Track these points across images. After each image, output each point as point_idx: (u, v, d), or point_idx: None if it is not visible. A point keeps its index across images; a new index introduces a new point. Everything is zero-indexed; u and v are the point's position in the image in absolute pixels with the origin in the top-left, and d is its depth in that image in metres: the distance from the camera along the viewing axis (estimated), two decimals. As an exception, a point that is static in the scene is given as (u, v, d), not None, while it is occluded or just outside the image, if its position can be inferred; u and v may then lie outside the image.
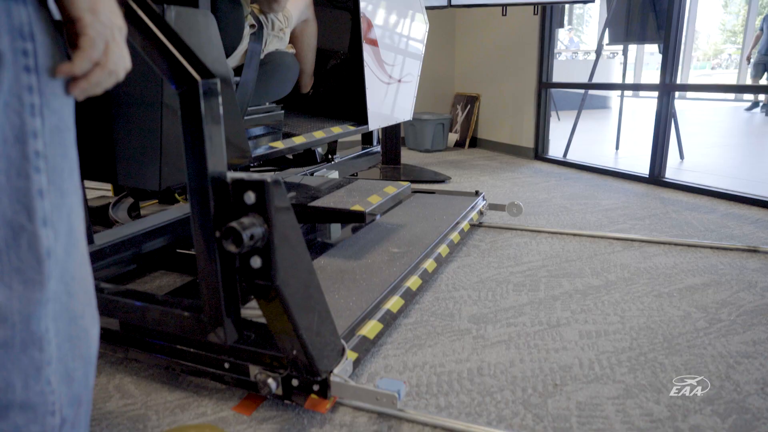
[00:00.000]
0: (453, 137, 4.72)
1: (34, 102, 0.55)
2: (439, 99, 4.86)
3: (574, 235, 2.30)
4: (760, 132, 6.55)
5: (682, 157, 4.06)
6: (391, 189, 1.75)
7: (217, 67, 1.23)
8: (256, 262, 0.87)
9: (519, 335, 1.44)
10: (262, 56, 1.58)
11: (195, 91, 0.82)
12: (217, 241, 0.86)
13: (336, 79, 2.22)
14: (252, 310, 1.13)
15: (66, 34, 0.60)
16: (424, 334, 1.45)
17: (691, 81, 12.71)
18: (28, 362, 0.57)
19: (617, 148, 4.58)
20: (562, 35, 10.68)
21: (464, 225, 2.15)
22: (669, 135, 3.24)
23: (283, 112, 1.71)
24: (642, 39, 3.99)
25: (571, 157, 3.95)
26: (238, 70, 1.54)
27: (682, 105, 10.16)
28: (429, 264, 1.71)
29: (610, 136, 4.93)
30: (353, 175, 2.55)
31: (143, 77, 1.10)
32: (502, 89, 4.34)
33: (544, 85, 3.96)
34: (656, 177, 3.24)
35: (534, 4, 3.37)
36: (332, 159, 2.12)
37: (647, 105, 8.49)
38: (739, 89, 3.23)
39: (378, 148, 2.74)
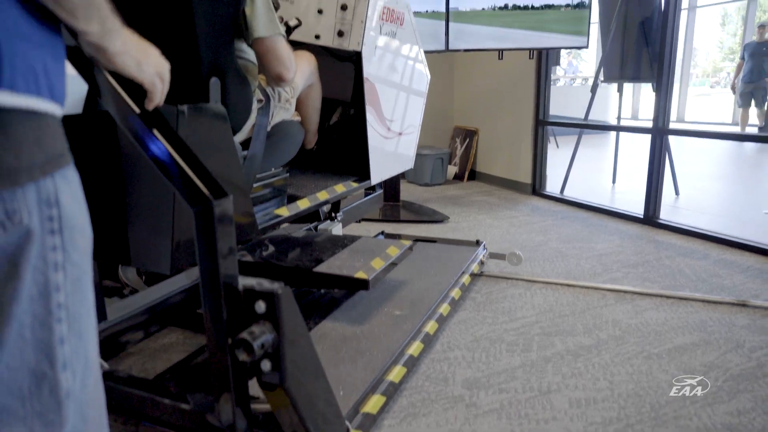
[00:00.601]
0: (452, 170, 4.80)
1: (58, 260, 0.61)
2: (439, 132, 4.95)
3: (568, 285, 2.37)
4: (755, 162, 6.64)
5: (677, 192, 4.13)
6: (394, 250, 1.81)
7: (228, 164, 1.30)
8: (266, 365, 0.94)
9: (510, 403, 1.50)
10: (268, 129, 1.65)
11: (209, 211, 0.90)
12: (230, 347, 0.93)
13: (339, 133, 2.29)
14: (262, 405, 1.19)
15: None
16: (418, 401, 1.51)
17: (690, 99, 12.87)
18: None
19: (614, 182, 4.66)
20: (561, 60, 10.82)
21: (465, 279, 2.21)
22: (663, 176, 3.31)
23: (288, 174, 1.79)
24: (636, 77, 4.09)
25: (569, 190, 4.02)
26: (245, 143, 1.61)
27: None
28: (431, 326, 1.77)
29: (608, 165, 5.00)
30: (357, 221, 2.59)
31: None
32: (500, 125, 4.43)
33: (541, 122, 4.05)
34: (651, 218, 3.32)
35: (529, 50, 3.46)
36: (335, 217, 2.18)
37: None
38: (735, 137, 3.27)
39: (380, 192, 2.78)
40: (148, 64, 0.78)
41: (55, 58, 0.62)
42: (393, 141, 2.30)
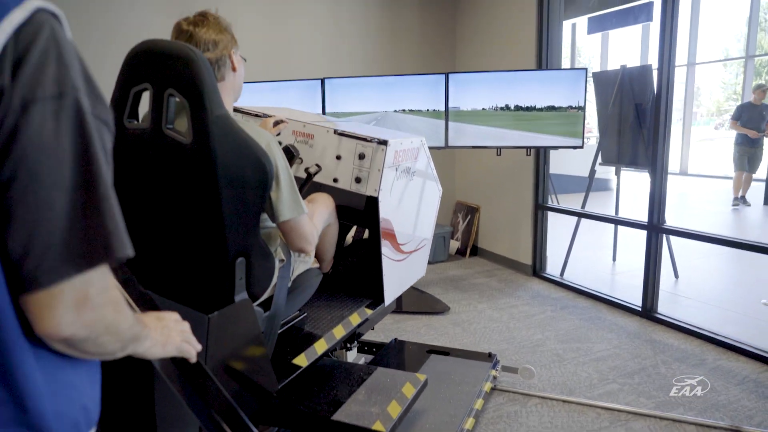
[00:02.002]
0: (454, 245, 4.89)
1: None
2: (441, 208, 5.04)
3: (564, 401, 2.40)
4: (760, 227, 6.65)
5: (676, 276, 4.17)
6: (410, 390, 1.82)
7: (254, 346, 1.37)
8: None
9: None
10: (289, 285, 1.64)
11: None
12: None
13: (353, 256, 2.31)
14: None
15: None
16: None
17: (694, 139, 12.81)
18: None
19: (614, 259, 4.72)
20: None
21: (478, 404, 2.22)
22: (660, 271, 3.37)
23: (305, 314, 1.81)
24: (633, 163, 4.19)
25: (570, 265, 4.10)
26: (267, 301, 1.60)
27: (684, 185, 10.30)
28: None
29: (608, 235, 5.03)
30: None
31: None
32: (501, 204, 4.53)
33: (540, 207, 4.15)
34: (648, 311, 3.35)
35: (526, 148, 3.59)
36: (351, 347, 2.21)
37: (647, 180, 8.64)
38: (732, 244, 3.16)
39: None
40: (173, 340, 0.86)
41: (92, 382, 0.71)
42: (406, 261, 2.31)
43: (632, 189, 8.78)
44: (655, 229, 3.30)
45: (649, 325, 3.27)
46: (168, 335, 0.86)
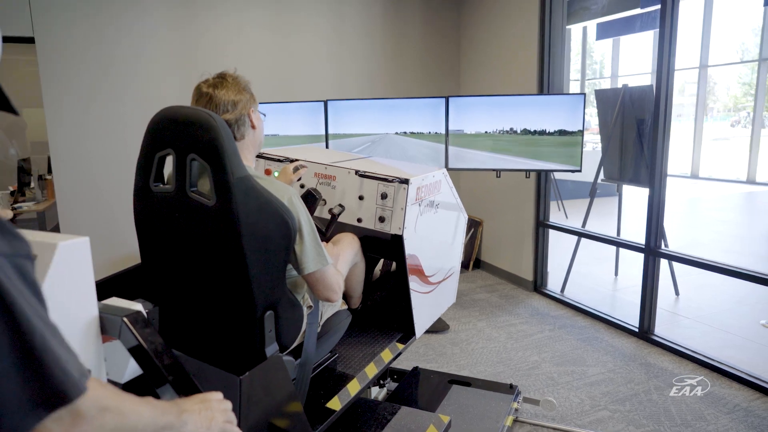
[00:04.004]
0: (458, 257, 4.95)
1: None
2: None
3: (554, 429, 2.47)
4: None
5: (677, 293, 4.20)
6: None
7: (286, 402, 1.43)
8: None
9: None
10: (318, 330, 1.66)
11: None
12: None
13: (381, 289, 2.32)
14: None
15: None
16: None
17: (707, 138, 12.49)
18: None
19: (616, 274, 4.75)
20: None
21: None
22: (657, 293, 3.41)
23: (337, 354, 1.84)
24: (635, 181, 4.21)
25: (571, 280, 4.15)
26: (297, 349, 1.61)
27: (695, 189, 10.21)
28: None
29: (611, 250, 5.05)
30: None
31: None
32: (503, 220, 4.58)
33: (542, 223, 4.20)
34: (645, 332, 3.40)
35: (525, 171, 3.64)
36: (384, 384, 2.22)
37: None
38: (734, 274, 2.98)
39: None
40: (216, 421, 0.88)
41: None
42: (435, 291, 2.31)
43: (636, 195, 8.74)
44: (653, 252, 3.34)
45: (645, 347, 3.31)
46: (212, 417, 0.87)
